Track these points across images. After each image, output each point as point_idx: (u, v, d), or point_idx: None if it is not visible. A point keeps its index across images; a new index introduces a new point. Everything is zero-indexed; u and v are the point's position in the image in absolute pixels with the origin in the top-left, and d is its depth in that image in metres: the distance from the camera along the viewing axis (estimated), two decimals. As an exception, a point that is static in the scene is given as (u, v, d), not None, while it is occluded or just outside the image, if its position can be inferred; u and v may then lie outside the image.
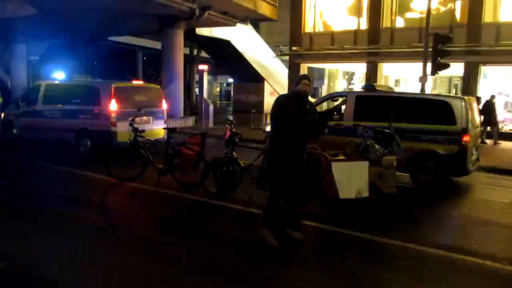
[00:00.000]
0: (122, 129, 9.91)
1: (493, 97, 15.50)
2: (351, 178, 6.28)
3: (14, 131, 12.70)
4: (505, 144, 14.98)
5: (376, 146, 6.64)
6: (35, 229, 5.59)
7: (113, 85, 10.68)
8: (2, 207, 6.55)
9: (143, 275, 4.34)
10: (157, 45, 23.94)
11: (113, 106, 10.35)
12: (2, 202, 6.79)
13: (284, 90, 23.47)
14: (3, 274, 4.28)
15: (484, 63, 17.18)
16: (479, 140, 10.89)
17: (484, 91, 17.28)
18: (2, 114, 13.13)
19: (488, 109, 14.88)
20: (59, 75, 12.80)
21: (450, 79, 25.12)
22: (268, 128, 10.13)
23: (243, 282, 4.27)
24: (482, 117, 14.55)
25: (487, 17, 16.92)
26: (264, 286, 4.13)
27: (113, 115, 10.32)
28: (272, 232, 5.12)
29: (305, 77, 5.15)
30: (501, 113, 17.50)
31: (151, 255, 4.88)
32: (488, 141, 14.79)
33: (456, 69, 16.55)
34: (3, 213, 6.23)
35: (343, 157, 6.65)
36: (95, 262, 4.62)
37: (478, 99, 14.80)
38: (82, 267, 4.49)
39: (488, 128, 15.10)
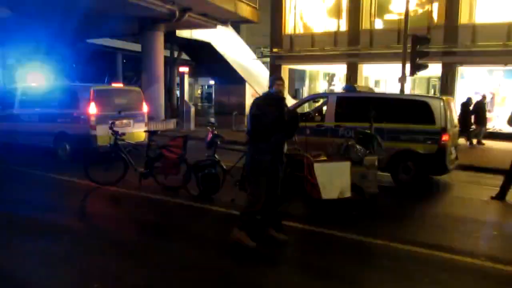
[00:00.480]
0: (102, 133, 9.77)
1: (484, 97, 15.71)
2: (333, 178, 6.31)
3: (-10, 136, 12.38)
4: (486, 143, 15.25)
5: (358, 146, 6.70)
6: (11, 236, 5.45)
7: (92, 88, 10.53)
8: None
9: (124, 280, 4.28)
10: (137, 47, 23.73)
11: (92, 109, 10.19)
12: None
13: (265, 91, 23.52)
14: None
15: (461, 64, 17.52)
16: (460, 139, 11.04)
17: (461, 91, 17.62)
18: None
19: (479, 109, 15.05)
20: (35, 78, 12.53)
21: (428, 79, 25.56)
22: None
23: (227, 284, 4.23)
24: (473, 117, 14.80)
25: (463, 18, 17.26)
26: (248, 288, 4.10)
27: (93, 118, 10.16)
28: (248, 233, 5.10)
29: (278, 77, 5.21)
30: (489, 110, 17.66)
31: (133, 259, 4.82)
32: (474, 141, 14.88)
33: (434, 69, 16.83)
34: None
35: (325, 158, 6.67)
36: (76, 268, 4.53)
37: (470, 100, 15.03)
38: (61, 273, 4.40)
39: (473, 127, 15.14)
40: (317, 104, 11.40)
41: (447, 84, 17.50)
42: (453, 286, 4.38)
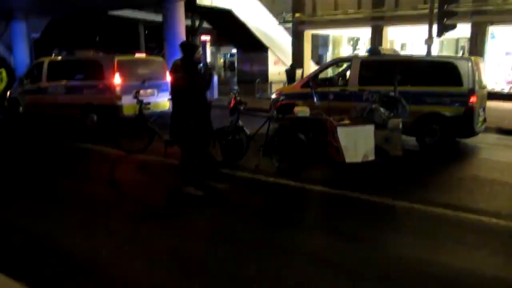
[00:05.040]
0: (127, 103, 9.94)
1: None
2: (357, 142, 6.29)
3: (20, 108, 12.78)
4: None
5: (381, 109, 6.62)
6: (46, 203, 5.71)
7: (116, 59, 10.64)
8: (12, 183, 6.67)
9: (153, 243, 4.45)
10: (159, 17, 23.63)
11: (117, 79, 10.35)
12: (12, 179, 6.92)
13: (288, 59, 23.24)
14: (17, 245, 4.40)
15: (492, 23, 16.78)
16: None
17: (492, 52, 16.97)
18: (8, 93, 13.17)
19: None
20: (61, 51, 12.64)
21: (457, 40, 24.62)
22: (273, 96, 10.11)
23: (252, 247, 4.34)
24: None
25: (495, -25, 16.42)
26: (275, 251, 4.20)
27: (118, 88, 10.33)
28: (193, 185, 5.71)
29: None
30: (509, 74, 17.24)
31: (162, 224, 4.98)
32: None
33: (463, 30, 16.22)
34: (13, 189, 6.35)
35: (348, 122, 6.63)
36: (107, 233, 4.72)
37: None
38: (94, 237, 4.60)
39: None
40: (341, 69, 11.23)
41: (476, 45, 16.87)
42: (478, 246, 4.38)
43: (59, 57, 12.17)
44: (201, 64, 5.86)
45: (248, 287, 3.55)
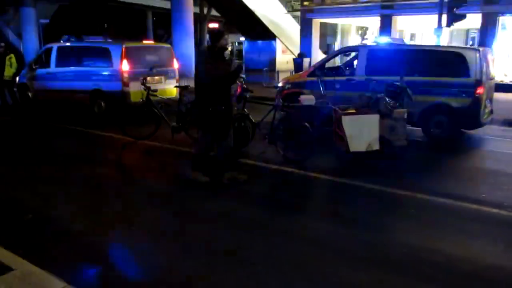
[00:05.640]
0: (135, 89, 10.02)
1: None
2: (361, 131, 6.34)
3: (30, 94, 12.91)
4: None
5: (387, 99, 6.64)
6: (56, 186, 5.84)
7: (124, 46, 10.69)
8: (23, 166, 6.81)
9: (158, 225, 4.56)
10: (167, 4, 23.61)
11: (124, 66, 10.41)
12: (22, 162, 7.06)
13: (296, 48, 23.16)
14: (29, 225, 4.54)
15: (503, 13, 16.60)
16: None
17: (502, 42, 16.80)
18: (17, 78, 13.30)
19: None
20: (70, 37, 12.70)
21: (467, 31, 24.43)
22: (280, 84, 10.14)
23: (257, 230, 4.44)
24: None
25: (507, -36, 16.19)
26: (279, 235, 4.29)
27: (125, 75, 10.39)
28: (201, 172, 5.81)
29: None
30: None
31: (167, 208, 5.09)
32: None
33: (473, 20, 16.07)
34: (24, 172, 6.49)
35: (353, 111, 6.67)
36: (115, 215, 4.84)
37: None
38: (103, 218, 4.72)
39: None
40: (348, 58, 11.21)
41: (486, 35, 16.70)
42: (478, 235, 4.44)
43: (68, 43, 12.23)
44: (228, 51, 5.82)
45: (251, 268, 3.65)
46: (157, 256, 3.88)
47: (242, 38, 29.64)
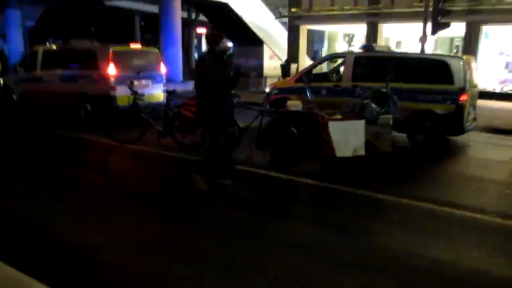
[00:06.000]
0: (121, 93, 9.97)
1: None
2: (347, 136, 6.39)
3: (14, 96, 12.75)
4: (505, 105, 14.97)
5: (373, 105, 6.71)
6: (41, 190, 5.76)
7: (111, 49, 10.64)
8: (7, 170, 6.71)
9: (147, 231, 4.52)
10: (155, 9, 23.58)
11: (111, 70, 10.36)
12: (7, 166, 6.95)
13: (283, 53, 23.28)
14: (15, 230, 4.47)
15: (486, 22, 16.93)
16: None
17: (485, 51, 17.12)
18: (1, 80, 13.13)
19: None
20: (55, 41, 12.53)
21: (451, 39, 24.81)
22: (267, 89, 10.17)
23: (244, 235, 4.44)
24: None
25: (490, -26, 16.54)
26: (265, 240, 4.29)
27: (112, 79, 10.34)
28: (204, 179, 5.67)
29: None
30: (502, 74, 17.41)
31: (154, 212, 5.06)
32: None
33: (458, 29, 16.34)
34: (9, 176, 6.40)
35: (340, 117, 6.72)
36: (101, 220, 4.79)
37: None
38: (88, 224, 4.66)
39: None
40: (335, 64, 11.31)
41: (470, 44, 17.01)
42: (462, 240, 4.49)
43: (54, 46, 12.12)
44: (228, 53, 5.86)
45: (238, 272, 3.64)
46: (142, 262, 3.85)
47: (230, 44, 29.69)
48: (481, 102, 10.56)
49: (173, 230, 4.55)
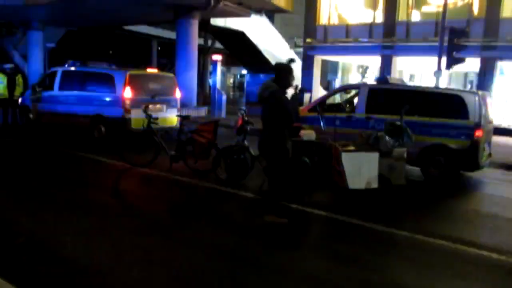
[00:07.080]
0: (136, 116, 10.08)
1: None
2: (361, 168, 6.33)
3: (31, 115, 12.96)
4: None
5: (387, 137, 6.67)
6: (51, 210, 5.77)
7: (128, 73, 10.83)
8: (20, 188, 6.76)
9: (155, 254, 4.48)
10: (172, 35, 24.04)
11: (127, 93, 10.51)
12: (20, 184, 7.00)
13: (297, 83, 23.45)
14: (22, 248, 4.45)
15: (501, 59, 16.96)
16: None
17: (500, 87, 17.08)
18: (20, 99, 13.39)
19: None
20: (74, 62, 12.79)
21: (465, 74, 24.87)
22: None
23: (253, 265, 4.36)
24: None
25: (506, 11, 16.67)
26: (274, 271, 4.22)
27: (128, 102, 10.48)
28: (277, 214, 5.54)
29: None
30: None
31: (162, 236, 5.02)
32: None
33: (472, 64, 16.38)
34: (21, 194, 6.44)
35: (353, 148, 6.69)
36: (109, 241, 4.76)
37: None
38: (96, 245, 4.64)
39: None
40: (349, 95, 11.34)
41: (484, 79, 17.00)
42: (476, 279, 4.36)
43: (72, 68, 12.39)
44: (299, 88, 5.96)
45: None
46: (148, 286, 3.79)
47: (244, 71, 30.05)
48: (496, 138, 10.45)
49: (179, 255, 4.49)
